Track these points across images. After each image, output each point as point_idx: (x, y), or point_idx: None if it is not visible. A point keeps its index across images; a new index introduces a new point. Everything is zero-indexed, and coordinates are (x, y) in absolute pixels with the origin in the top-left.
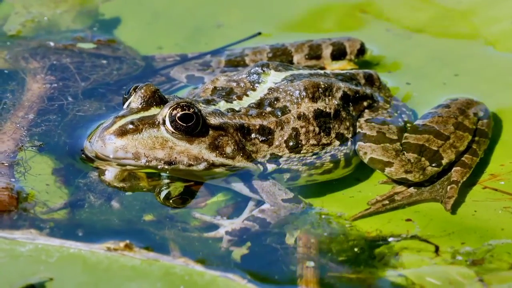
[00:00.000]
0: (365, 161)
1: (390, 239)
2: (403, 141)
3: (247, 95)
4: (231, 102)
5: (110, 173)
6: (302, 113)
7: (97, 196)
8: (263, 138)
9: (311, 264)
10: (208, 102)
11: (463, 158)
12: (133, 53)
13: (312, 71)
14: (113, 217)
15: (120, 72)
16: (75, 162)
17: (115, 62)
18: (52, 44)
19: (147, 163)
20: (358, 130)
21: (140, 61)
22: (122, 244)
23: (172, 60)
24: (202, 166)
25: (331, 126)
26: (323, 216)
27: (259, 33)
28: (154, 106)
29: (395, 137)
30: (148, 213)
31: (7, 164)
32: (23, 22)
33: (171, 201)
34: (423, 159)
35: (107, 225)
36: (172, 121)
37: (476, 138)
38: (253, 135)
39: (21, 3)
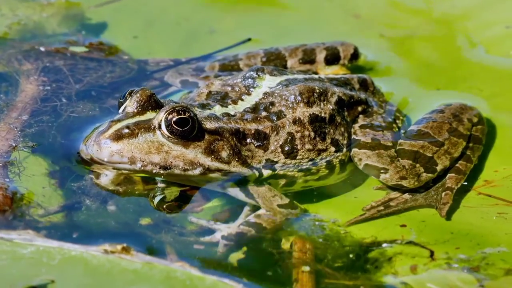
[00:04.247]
0: (360, 167)
1: (384, 245)
2: (398, 147)
3: (242, 100)
4: (226, 107)
5: (106, 177)
6: (297, 118)
7: (92, 199)
8: (259, 143)
9: (307, 268)
10: (203, 106)
11: (457, 165)
12: (126, 56)
13: (307, 76)
14: (109, 220)
15: (113, 75)
16: (71, 164)
17: (108, 65)
18: (42, 49)
19: (142, 168)
20: (353, 136)
21: (132, 64)
22: (119, 247)
23: (166, 65)
24: (197, 171)
25: (326, 131)
26: (318, 222)
27: (249, 39)
28: (150, 111)
29: (390, 144)
30: (144, 216)
31: (0, 164)
32: (9, 25)
33: (166, 206)
34: (417, 165)
35: (103, 228)
36: (168, 125)
37: (470, 144)
38: (248, 140)
39: (7, 6)
